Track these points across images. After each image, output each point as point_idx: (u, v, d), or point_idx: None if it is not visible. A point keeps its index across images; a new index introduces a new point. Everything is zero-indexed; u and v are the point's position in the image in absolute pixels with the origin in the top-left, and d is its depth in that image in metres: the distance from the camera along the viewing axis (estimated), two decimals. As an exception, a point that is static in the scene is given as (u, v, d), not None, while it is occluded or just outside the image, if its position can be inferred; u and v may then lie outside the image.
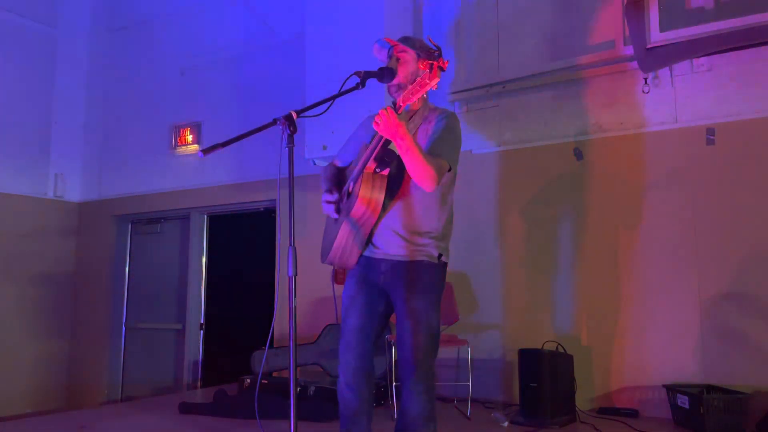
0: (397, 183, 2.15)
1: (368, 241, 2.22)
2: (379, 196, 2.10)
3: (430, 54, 2.18)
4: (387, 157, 2.07)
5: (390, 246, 2.19)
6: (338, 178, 2.43)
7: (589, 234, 4.09)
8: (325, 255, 2.34)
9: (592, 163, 4.14)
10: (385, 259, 2.20)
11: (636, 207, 3.94)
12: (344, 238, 2.19)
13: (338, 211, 2.30)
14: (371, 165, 2.10)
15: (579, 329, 4.03)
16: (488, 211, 4.45)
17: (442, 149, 2.15)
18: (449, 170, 2.16)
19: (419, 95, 1.87)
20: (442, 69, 1.90)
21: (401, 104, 1.93)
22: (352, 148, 2.43)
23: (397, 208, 2.18)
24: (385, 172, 2.12)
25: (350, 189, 2.24)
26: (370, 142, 2.16)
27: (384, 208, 2.14)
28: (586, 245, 4.09)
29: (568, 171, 4.20)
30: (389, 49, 2.29)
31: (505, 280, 4.33)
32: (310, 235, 4.87)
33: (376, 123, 1.95)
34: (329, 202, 2.31)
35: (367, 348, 2.23)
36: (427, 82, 1.83)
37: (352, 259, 2.25)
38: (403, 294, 2.16)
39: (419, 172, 2.02)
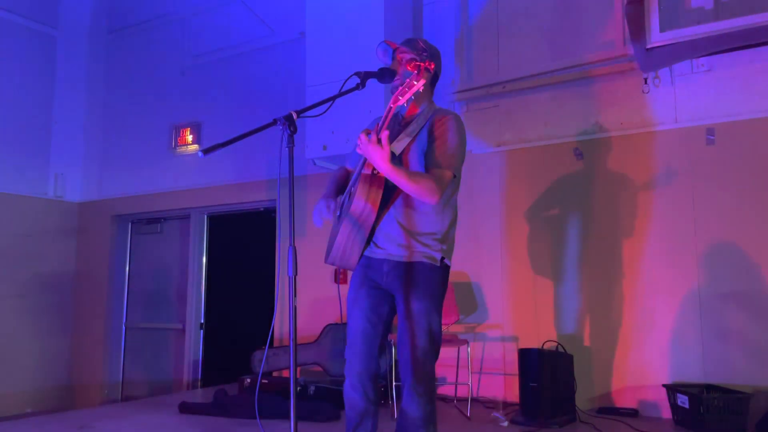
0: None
1: (369, 240, 2.21)
2: (377, 194, 2.10)
3: (418, 55, 2.20)
4: None
5: (391, 246, 2.19)
6: (344, 182, 2.43)
7: (588, 234, 4.09)
8: (328, 255, 2.32)
9: (591, 163, 4.14)
10: (387, 259, 2.20)
11: (636, 207, 3.94)
12: (345, 237, 2.18)
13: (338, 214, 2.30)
14: (369, 166, 2.11)
15: (579, 329, 4.03)
16: (488, 211, 4.45)
17: (445, 159, 2.14)
18: (453, 177, 2.16)
19: (407, 97, 1.91)
20: (428, 71, 1.98)
21: (392, 105, 1.96)
22: (356, 153, 2.43)
23: (399, 208, 2.18)
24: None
25: (351, 190, 2.25)
26: None
27: (383, 206, 2.14)
28: (585, 245, 4.09)
29: (568, 171, 4.21)
30: (393, 52, 2.31)
31: (505, 280, 4.33)
32: (310, 235, 4.90)
33: (359, 147, 2.00)
34: (322, 208, 2.29)
35: (372, 350, 2.23)
36: (414, 83, 1.87)
37: (353, 259, 2.22)
38: (403, 295, 2.17)
39: (411, 191, 2.07)
